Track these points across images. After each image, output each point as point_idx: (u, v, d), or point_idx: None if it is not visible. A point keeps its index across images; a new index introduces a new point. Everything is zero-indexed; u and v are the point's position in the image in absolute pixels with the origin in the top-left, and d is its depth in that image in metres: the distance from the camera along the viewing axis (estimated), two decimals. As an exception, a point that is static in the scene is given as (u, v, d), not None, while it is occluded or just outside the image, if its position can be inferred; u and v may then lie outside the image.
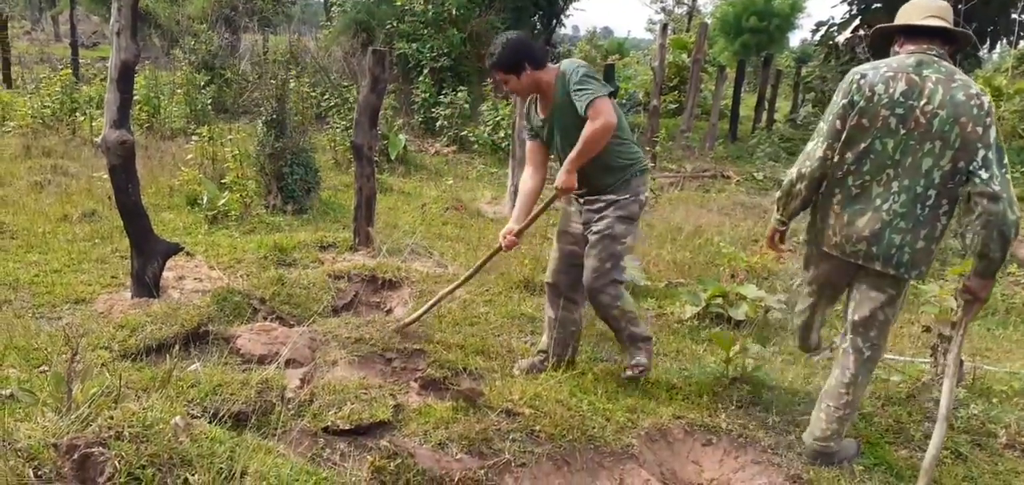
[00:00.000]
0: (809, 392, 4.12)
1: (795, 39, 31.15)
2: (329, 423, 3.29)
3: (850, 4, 16.20)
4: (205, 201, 7.06)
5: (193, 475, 2.40)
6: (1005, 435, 3.74)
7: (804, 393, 4.12)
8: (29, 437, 2.30)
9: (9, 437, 2.31)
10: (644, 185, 3.85)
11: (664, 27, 13.96)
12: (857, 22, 16.12)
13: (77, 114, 10.94)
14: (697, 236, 7.45)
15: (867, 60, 9.83)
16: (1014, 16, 14.31)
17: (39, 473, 2.23)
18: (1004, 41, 15.38)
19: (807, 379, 4.34)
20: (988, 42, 15.22)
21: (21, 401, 2.73)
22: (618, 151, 3.71)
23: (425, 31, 15.09)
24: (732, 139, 17.02)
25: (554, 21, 17.87)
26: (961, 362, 4.16)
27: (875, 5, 15.69)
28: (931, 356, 4.28)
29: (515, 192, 8.46)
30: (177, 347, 3.92)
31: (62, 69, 12.26)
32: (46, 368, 3.47)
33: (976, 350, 4.89)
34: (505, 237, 3.90)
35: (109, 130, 4.35)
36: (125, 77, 4.33)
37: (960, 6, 9.93)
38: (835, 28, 16.79)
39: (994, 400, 4.16)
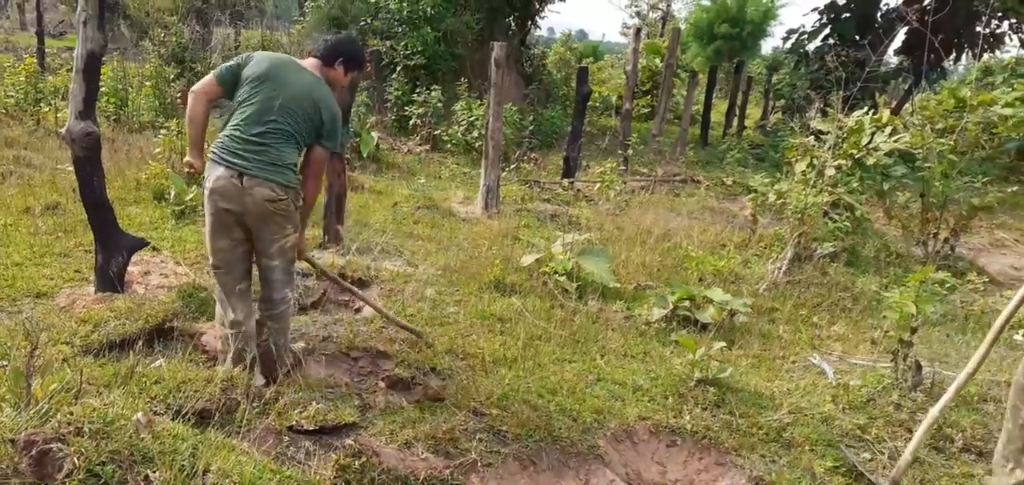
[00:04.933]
0: (773, 395, 4.18)
1: (767, 47, 31.52)
2: (294, 422, 3.28)
3: (821, 14, 16.41)
4: (172, 196, 6.97)
5: (154, 472, 2.37)
6: (961, 439, 3.83)
7: (768, 396, 4.18)
8: (-14, 432, 2.26)
9: (-35, 432, 2.27)
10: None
11: (637, 32, 14.05)
12: (827, 31, 16.35)
13: (42, 104, 10.75)
14: (666, 240, 7.51)
15: (837, 70, 9.96)
16: (978, 29, 14.62)
17: (-5, 469, 2.19)
18: (969, 53, 15.69)
19: (771, 382, 4.40)
20: (954, 54, 15.50)
21: (-22, 396, 2.68)
22: None
23: (399, 29, 15.04)
24: (703, 144, 17.18)
25: (529, 23, 17.87)
26: (919, 365, 4.26)
27: (845, 15, 15.93)
28: (891, 360, 4.37)
29: (487, 191, 8.50)
30: (141, 343, 3.87)
31: (27, 58, 12.03)
32: (5, 363, 3.41)
33: (935, 355, 4.99)
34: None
35: (74, 121, 4.28)
36: (91, 68, 4.26)
37: (926, 18, 10.12)
38: (806, 37, 17.01)
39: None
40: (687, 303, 5.31)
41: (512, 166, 11.87)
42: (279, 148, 3.45)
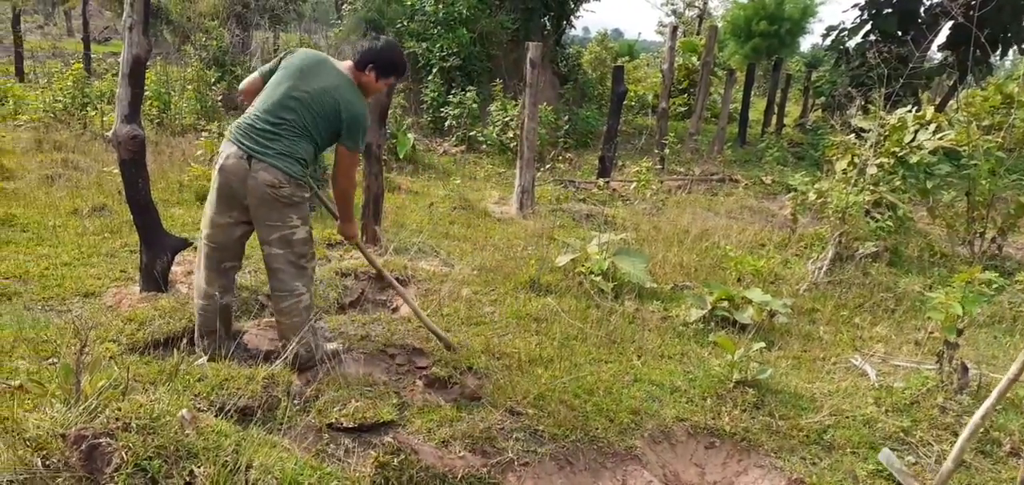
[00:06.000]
0: (814, 397, 4.12)
1: (806, 44, 31.03)
2: (334, 419, 3.32)
3: (861, 10, 16.10)
4: (213, 197, 7.09)
5: (199, 467, 2.42)
6: (1009, 443, 3.73)
7: (808, 398, 4.12)
8: (38, 427, 2.32)
9: (18, 427, 2.34)
10: None
11: (674, 30, 13.95)
12: (867, 27, 16.04)
13: (88, 109, 11.02)
14: (704, 239, 7.45)
15: (878, 66, 9.79)
16: (1026, 23, 14.23)
17: (47, 463, 2.25)
18: (1016, 48, 15.26)
19: (812, 383, 4.34)
20: (1000, 49, 15.10)
21: (30, 392, 2.77)
22: None
23: (435, 30, 15.12)
24: (741, 143, 16.99)
25: (564, 22, 17.82)
26: (965, 367, 4.16)
27: (886, 11, 15.61)
28: (936, 362, 4.28)
29: (522, 191, 8.51)
30: (185, 341, 3.95)
31: (74, 64, 12.33)
32: (55, 360, 3.51)
33: (981, 357, 4.88)
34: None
35: (120, 125, 4.38)
36: (136, 72, 4.36)
37: (971, 12, 9.87)
38: (846, 33, 16.70)
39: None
40: (725, 303, 5.26)
41: (547, 166, 11.87)
42: (292, 139, 3.53)
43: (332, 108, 3.56)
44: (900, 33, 14.97)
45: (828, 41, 17.47)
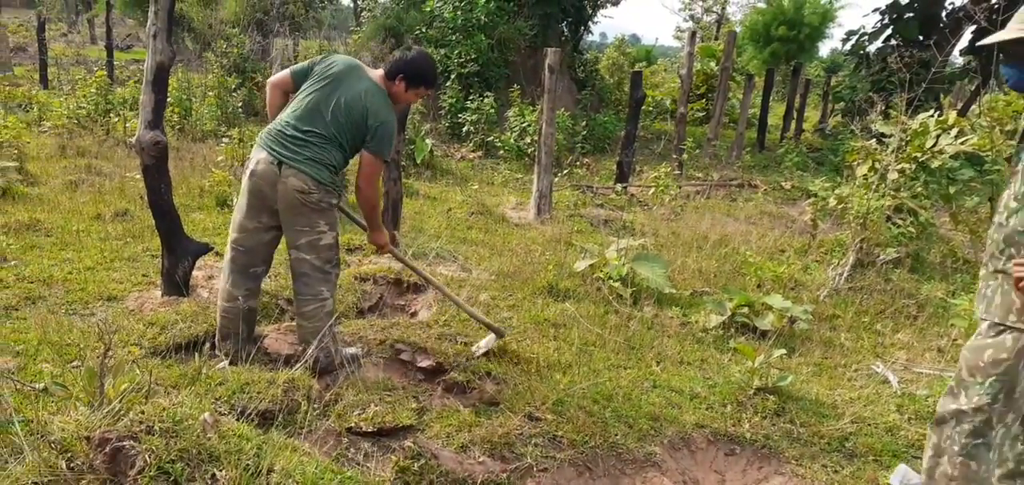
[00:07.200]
0: (835, 404, 4.09)
1: (825, 48, 30.82)
2: (353, 424, 3.33)
3: (882, 14, 15.96)
4: (235, 202, 7.14)
5: (220, 471, 2.44)
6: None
7: (830, 405, 4.08)
8: (62, 430, 2.35)
9: (43, 430, 2.37)
10: None
11: (692, 35, 13.89)
12: (888, 32, 15.90)
13: (111, 115, 11.12)
14: (723, 245, 7.41)
15: (899, 71, 9.67)
16: (1051, 26, 14.01)
17: (72, 465, 2.28)
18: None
19: (833, 390, 4.30)
20: (1023, 53, 14.90)
21: (54, 395, 2.80)
22: None
23: (453, 37, 15.17)
24: (760, 148, 16.89)
25: (582, 28, 17.84)
26: None
27: (907, 15, 15.47)
28: (960, 370, 4.21)
29: (540, 197, 8.51)
30: (206, 345, 3.99)
31: (97, 71, 12.48)
32: (79, 363, 3.55)
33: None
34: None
35: (143, 131, 4.43)
36: (160, 79, 4.41)
37: (994, 16, 9.76)
38: (866, 38, 16.55)
39: None
40: (745, 310, 5.23)
41: (565, 171, 11.86)
42: (322, 146, 3.57)
43: (360, 115, 3.59)
44: (921, 38, 14.83)
45: (848, 46, 17.35)
